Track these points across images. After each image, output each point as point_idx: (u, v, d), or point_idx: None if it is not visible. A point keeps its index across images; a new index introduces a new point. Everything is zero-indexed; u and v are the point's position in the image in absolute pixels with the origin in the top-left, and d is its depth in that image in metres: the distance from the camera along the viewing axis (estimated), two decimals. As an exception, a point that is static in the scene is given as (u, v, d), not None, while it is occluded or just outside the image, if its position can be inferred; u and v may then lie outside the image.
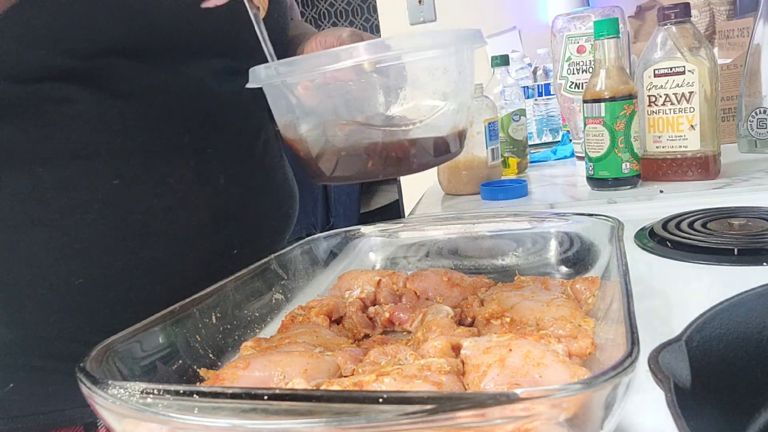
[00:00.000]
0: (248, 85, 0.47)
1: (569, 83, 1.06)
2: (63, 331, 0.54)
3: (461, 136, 0.52)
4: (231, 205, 0.60)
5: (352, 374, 0.38)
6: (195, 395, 0.27)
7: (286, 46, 0.65)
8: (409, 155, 0.48)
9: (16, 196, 0.51)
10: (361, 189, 3.03)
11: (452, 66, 0.49)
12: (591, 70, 1.02)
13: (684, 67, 0.89)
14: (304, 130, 0.49)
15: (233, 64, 0.58)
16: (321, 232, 0.65)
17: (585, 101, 0.91)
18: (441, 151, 0.49)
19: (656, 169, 0.95)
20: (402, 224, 0.65)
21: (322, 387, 0.34)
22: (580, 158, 1.04)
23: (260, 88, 0.48)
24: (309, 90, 0.46)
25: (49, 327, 0.53)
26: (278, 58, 0.49)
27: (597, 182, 0.93)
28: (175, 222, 0.55)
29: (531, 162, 1.25)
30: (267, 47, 0.49)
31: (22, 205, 0.51)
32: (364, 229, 0.65)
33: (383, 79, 0.46)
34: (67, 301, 0.52)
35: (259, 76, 0.47)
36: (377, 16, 2.18)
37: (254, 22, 0.48)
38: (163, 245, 0.55)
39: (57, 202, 0.51)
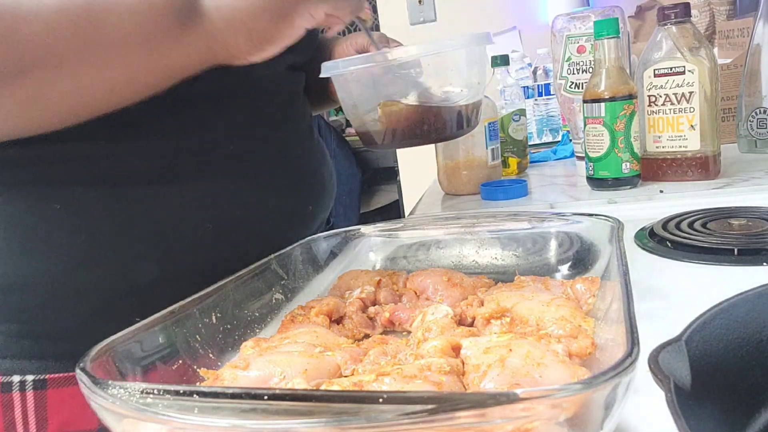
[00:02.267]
0: (321, 75, 0.66)
1: (569, 83, 1.06)
2: (198, 266, 0.59)
3: (477, 113, 0.72)
4: (306, 170, 0.72)
5: (352, 374, 0.38)
6: (195, 395, 0.27)
7: (318, 48, 0.80)
8: (445, 127, 0.68)
9: (152, 157, 0.58)
10: (361, 189, 3.02)
11: (478, 59, 0.69)
12: (591, 70, 1.02)
13: (684, 67, 0.89)
14: (364, 111, 0.69)
15: (297, 59, 0.71)
16: (321, 232, 0.66)
17: (585, 101, 0.91)
18: (462, 125, 0.69)
19: (656, 169, 0.95)
20: (402, 224, 0.65)
21: (322, 387, 0.34)
22: (580, 158, 1.04)
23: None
24: (361, 81, 0.66)
25: (188, 263, 0.59)
26: (311, 58, 0.73)
27: (597, 182, 0.93)
28: (273, 180, 0.67)
29: (531, 162, 1.25)
30: (375, 43, 0.72)
31: (147, 170, 0.58)
32: (364, 229, 0.65)
33: (410, 72, 0.67)
34: (201, 241, 0.60)
35: (328, 69, 0.66)
36: (377, 16, 2.18)
37: (365, 30, 0.70)
38: (268, 197, 0.66)
39: (189, 164, 0.60)
